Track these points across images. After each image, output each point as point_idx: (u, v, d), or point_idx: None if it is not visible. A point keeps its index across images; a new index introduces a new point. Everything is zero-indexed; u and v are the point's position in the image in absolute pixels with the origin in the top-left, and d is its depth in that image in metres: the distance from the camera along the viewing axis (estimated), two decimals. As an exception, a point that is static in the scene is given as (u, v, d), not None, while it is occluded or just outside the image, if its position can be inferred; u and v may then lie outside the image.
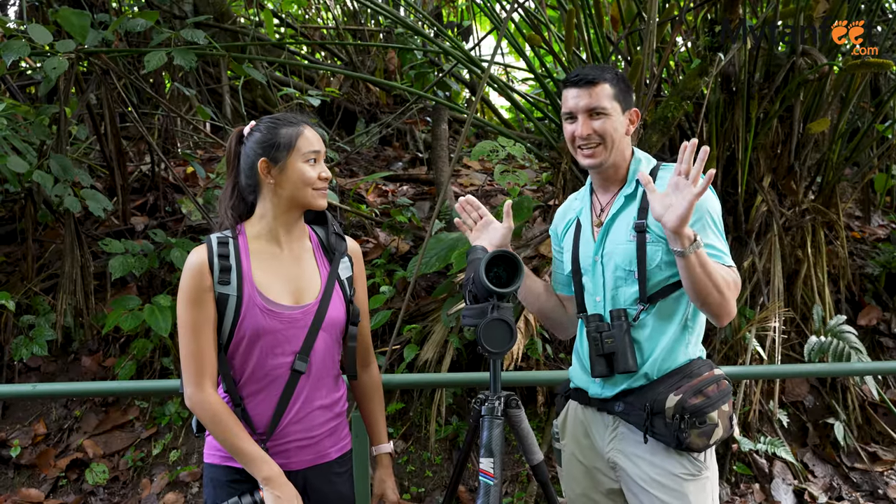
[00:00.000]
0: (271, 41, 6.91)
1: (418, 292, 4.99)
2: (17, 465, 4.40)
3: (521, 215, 4.61)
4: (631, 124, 2.36)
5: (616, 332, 2.26)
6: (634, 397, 2.28)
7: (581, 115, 2.31)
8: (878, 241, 5.88)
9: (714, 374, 2.27)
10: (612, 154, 2.32)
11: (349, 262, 2.34)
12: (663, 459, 2.25)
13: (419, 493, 4.34)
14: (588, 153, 2.33)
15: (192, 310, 2.11)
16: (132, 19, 4.54)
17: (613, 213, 2.37)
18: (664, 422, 2.19)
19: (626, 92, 2.35)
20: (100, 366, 4.79)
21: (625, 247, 2.29)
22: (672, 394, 2.20)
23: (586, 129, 2.30)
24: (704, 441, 2.19)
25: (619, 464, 2.34)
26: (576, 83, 2.32)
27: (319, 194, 2.21)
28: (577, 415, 2.49)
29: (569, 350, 4.87)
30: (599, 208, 2.44)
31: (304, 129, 2.21)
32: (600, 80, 2.29)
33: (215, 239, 2.18)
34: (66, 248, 4.75)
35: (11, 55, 4.13)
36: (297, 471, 2.20)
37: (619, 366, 2.25)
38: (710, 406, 2.19)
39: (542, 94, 6.39)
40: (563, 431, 2.55)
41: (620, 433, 2.34)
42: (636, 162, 2.39)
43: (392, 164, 7.54)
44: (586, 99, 2.30)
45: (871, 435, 4.91)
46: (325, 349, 2.22)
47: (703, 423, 2.17)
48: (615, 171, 2.38)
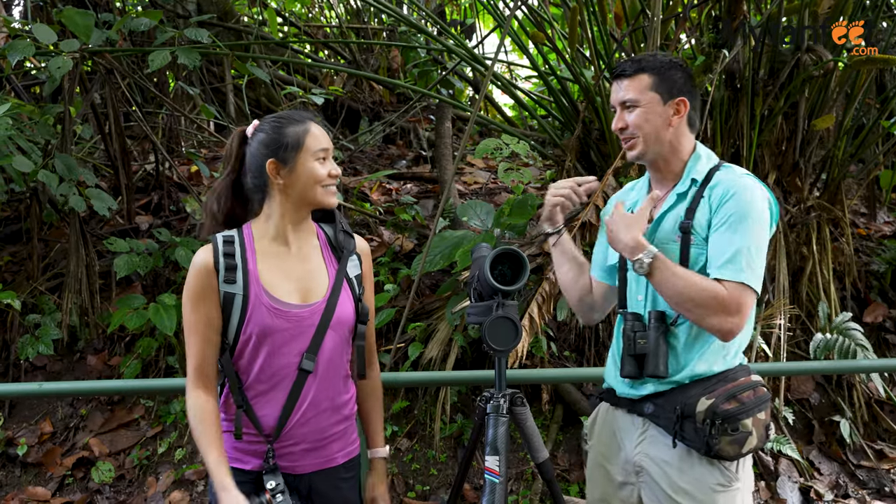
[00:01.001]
0: (275, 40, 6.91)
1: (422, 290, 4.99)
2: (24, 464, 4.42)
3: (525, 213, 4.61)
4: (676, 115, 2.24)
5: (651, 334, 2.17)
6: (664, 399, 2.19)
7: (617, 107, 2.28)
8: (883, 237, 5.86)
9: (751, 379, 2.18)
10: (651, 146, 2.24)
11: (358, 261, 2.31)
12: (692, 467, 2.16)
13: (424, 490, 4.34)
14: (627, 145, 2.27)
15: (197, 309, 2.11)
16: (136, 19, 4.55)
17: (663, 211, 2.27)
18: (694, 426, 2.10)
19: (672, 80, 2.24)
20: (105, 364, 4.79)
21: (669, 247, 2.20)
22: (704, 397, 2.11)
23: (619, 123, 2.27)
24: (736, 449, 2.08)
25: (644, 468, 2.25)
26: (615, 75, 2.29)
27: (329, 192, 2.19)
28: (607, 416, 2.41)
29: (573, 348, 4.87)
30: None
31: (311, 127, 2.18)
32: (637, 72, 2.23)
33: (221, 238, 2.16)
34: (72, 247, 4.76)
35: (16, 55, 4.15)
36: (302, 475, 2.18)
37: (649, 368, 2.16)
38: (745, 412, 2.09)
39: (545, 91, 6.38)
40: (592, 433, 2.48)
41: (650, 436, 2.25)
42: (695, 159, 2.28)
43: (396, 162, 7.54)
44: (620, 91, 2.26)
45: (878, 432, 4.90)
46: (334, 348, 2.19)
47: (736, 429, 2.07)
48: (665, 164, 2.30)
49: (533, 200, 4.66)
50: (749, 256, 2.08)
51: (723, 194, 2.15)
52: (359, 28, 8.47)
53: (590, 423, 2.50)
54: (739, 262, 2.07)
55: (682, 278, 2.09)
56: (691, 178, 2.24)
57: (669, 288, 2.10)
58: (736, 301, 2.06)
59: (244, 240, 2.18)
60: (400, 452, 4.47)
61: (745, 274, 2.07)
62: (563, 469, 4.45)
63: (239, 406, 2.14)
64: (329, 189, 2.19)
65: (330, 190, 2.20)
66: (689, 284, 2.08)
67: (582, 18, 4.68)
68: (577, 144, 4.93)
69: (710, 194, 2.18)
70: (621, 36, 4.97)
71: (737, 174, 2.21)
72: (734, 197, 2.13)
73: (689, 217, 2.18)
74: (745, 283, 2.07)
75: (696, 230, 2.17)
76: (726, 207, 2.12)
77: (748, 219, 2.10)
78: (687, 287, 2.08)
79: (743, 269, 2.07)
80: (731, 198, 2.13)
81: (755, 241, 2.10)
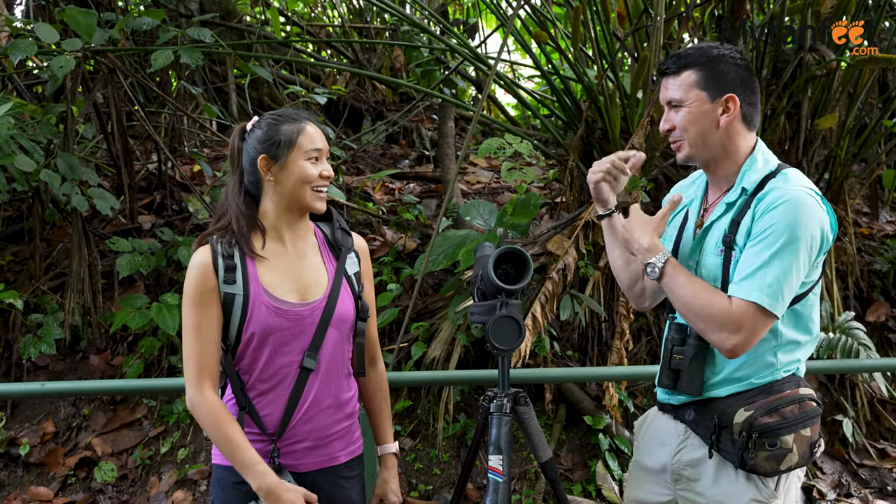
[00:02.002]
0: (277, 39, 6.91)
1: (425, 290, 4.99)
2: (27, 464, 4.42)
3: (528, 213, 4.60)
4: (726, 114, 2.06)
5: (688, 350, 2.08)
6: (705, 407, 2.11)
7: (665, 106, 2.14)
8: (886, 237, 5.86)
9: (798, 392, 2.04)
10: (699, 149, 2.10)
11: (356, 258, 2.32)
12: (730, 481, 2.07)
13: (427, 490, 4.34)
14: (675, 147, 2.15)
15: (196, 310, 2.10)
16: (138, 18, 4.54)
17: (712, 220, 2.14)
18: (731, 438, 2.01)
19: (720, 75, 2.06)
20: (108, 364, 4.79)
21: (712, 260, 2.10)
22: (743, 408, 2.01)
23: (665, 124, 2.13)
24: (773, 466, 1.98)
25: (683, 476, 2.18)
26: (660, 72, 2.16)
27: (318, 197, 2.18)
28: (654, 419, 2.34)
29: (577, 348, 4.87)
30: (705, 207, 2.23)
31: (306, 126, 2.17)
32: (681, 69, 2.08)
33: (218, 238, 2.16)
34: (74, 246, 4.76)
35: (18, 54, 4.15)
36: (305, 473, 2.18)
37: (683, 385, 2.09)
38: (786, 428, 1.98)
39: (548, 91, 6.38)
40: (639, 433, 2.40)
41: (690, 444, 2.17)
42: (750, 163, 2.10)
43: (398, 161, 7.54)
44: (664, 90, 2.13)
45: (880, 431, 4.90)
46: (335, 346, 2.20)
47: (774, 445, 1.97)
48: (717, 167, 2.14)
49: (536, 200, 4.66)
50: (771, 277, 1.93)
51: (767, 205, 1.98)
52: (361, 27, 8.47)
53: (639, 424, 2.42)
54: (757, 280, 1.94)
55: (688, 288, 2.01)
56: (742, 187, 2.08)
57: (676, 297, 2.04)
58: (737, 320, 1.94)
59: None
60: (403, 452, 4.47)
61: (757, 293, 1.93)
62: (567, 469, 4.45)
63: (242, 408, 2.14)
64: (319, 193, 2.18)
65: (319, 194, 2.18)
66: (694, 295, 2.00)
67: (585, 17, 4.68)
68: (580, 144, 4.93)
69: (756, 204, 2.02)
70: (624, 35, 4.96)
71: (791, 184, 2.02)
72: (778, 209, 1.96)
73: (733, 231, 2.04)
74: (755, 303, 1.93)
75: (738, 244, 2.04)
76: (766, 219, 1.97)
77: (785, 236, 1.94)
78: (691, 297, 2.00)
79: (758, 287, 1.93)
80: (775, 209, 1.97)
81: (786, 262, 1.93)
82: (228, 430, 2.05)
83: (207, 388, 2.09)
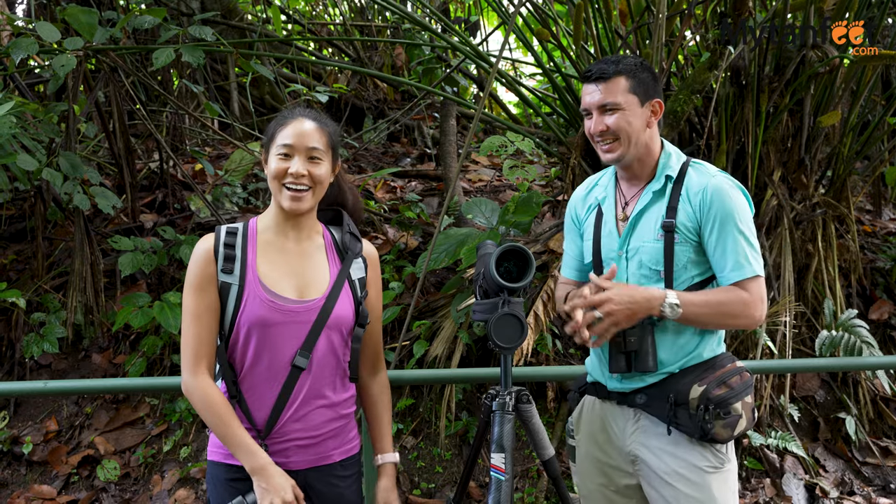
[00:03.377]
0: (279, 38, 6.90)
1: (427, 288, 4.99)
2: (30, 462, 4.42)
3: (530, 210, 4.60)
4: (653, 116, 2.30)
5: (639, 332, 2.21)
6: (657, 389, 2.26)
7: (595, 111, 2.28)
8: (889, 234, 5.85)
9: (736, 365, 2.27)
10: (631, 148, 2.27)
11: (363, 264, 2.30)
12: (686, 451, 2.23)
13: (429, 488, 4.34)
14: (606, 148, 2.29)
15: (195, 296, 2.13)
16: (140, 17, 4.54)
17: (640, 209, 2.32)
18: (688, 413, 2.18)
19: (646, 82, 2.28)
20: (110, 363, 4.80)
21: (652, 245, 2.26)
22: (696, 384, 2.19)
23: (599, 126, 2.26)
24: (729, 432, 2.17)
25: (640, 457, 2.30)
26: (589, 78, 2.28)
27: (288, 195, 2.14)
28: (595, 410, 2.45)
29: (578, 346, 4.85)
30: (624, 201, 2.38)
31: (289, 123, 2.17)
32: (613, 75, 2.24)
33: (224, 229, 2.20)
34: (76, 245, 4.76)
35: (20, 53, 4.14)
36: (297, 471, 2.17)
37: (639, 365, 2.22)
38: (734, 397, 2.18)
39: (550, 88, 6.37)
40: (578, 427, 2.51)
41: (643, 426, 2.31)
42: (665, 156, 2.33)
43: (400, 160, 7.54)
44: (598, 95, 2.25)
45: (883, 429, 4.89)
46: (330, 348, 2.19)
47: (728, 413, 2.16)
48: (640, 165, 2.33)
49: (538, 198, 4.66)
50: (749, 249, 2.21)
51: (702, 200, 2.23)
52: (363, 25, 8.47)
53: (575, 418, 2.54)
54: (744, 258, 2.20)
55: (707, 304, 2.18)
56: (665, 175, 2.30)
57: (702, 318, 2.20)
58: (756, 297, 2.19)
59: (248, 231, 2.21)
60: (405, 450, 4.47)
61: (751, 266, 2.20)
62: (568, 467, 4.44)
63: (232, 396, 2.15)
64: (289, 191, 2.14)
65: (289, 192, 2.14)
66: (717, 305, 2.19)
67: (587, 15, 4.67)
68: (581, 142, 4.92)
69: (687, 193, 2.26)
70: (626, 33, 4.95)
71: (710, 174, 2.28)
72: (714, 201, 2.21)
73: (671, 216, 2.25)
74: (758, 275, 2.20)
75: (679, 229, 2.24)
76: (712, 213, 2.21)
77: (734, 215, 2.20)
78: (717, 308, 2.19)
79: (749, 262, 2.20)
80: (713, 203, 2.21)
81: (746, 231, 2.21)
82: (221, 411, 2.08)
83: (202, 373, 2.11)
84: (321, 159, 2.18)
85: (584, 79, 2.30)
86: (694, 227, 2.23)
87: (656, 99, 2.29)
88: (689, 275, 2.24)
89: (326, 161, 2.20)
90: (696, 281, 2.25)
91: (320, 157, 2.18)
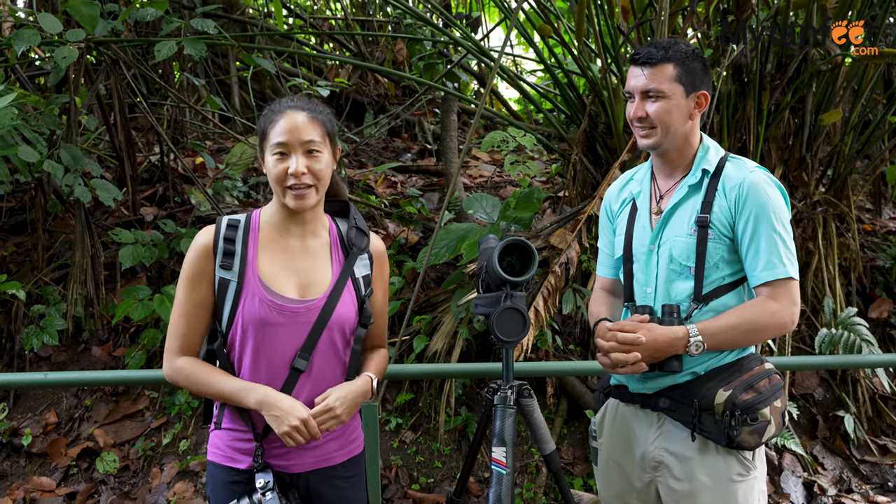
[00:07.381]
0: (280, 32, 6.90)
1: (428, 283, 4.99)
2: (29, 454, 4.42)
3: (531, 206, 4.60)
4: (697, 108, 2.21)
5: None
6: (680, 393, 2.17)
7: (637, 95, 2.20)
8: (889, 233, 5.85)
9: (765, 368, 2.17)
10: (668, 138, 2.20)
11: (368, 260, 2.21)
12: (712, 459, 2.15)
13: (428, 483, 4.34)
14: (643, 134, 2.22)
15: (187, 289, 2.08)
16: (142, 9, 4.53)
17: (675, 203, 2.24)
18: (713, 419, 2.09)
19: (695, 72, 2.18)
20: (110, 355, 4.80)
21: (684, 240, 2.19)
22: (721, 389, 2.09)
23: (639, 112, 2.19)
24: (756, 439, 2.07)
25: (664, 462, 2.22)
26: (636, 61, 2.20)
27: (292, 195, 2.04)
28: (617, 413, 2.38)
29: (578, 341, 4.86)
30: (659, 195, 2.31)
31: (280, 119, 2.05)
32: (661, 60, 2.15)
33: (225, 221, 2.10)
34: (77, 238, 4.76)
35: (21, 44, 4.13)
36: (298, 474, 2.13)
37: (665, 365, 2.13)
38: (762, 402, 2.08)
39: (551, 84, 6.37)
40: (601, 430, 2.44)
41: (666, 431, 2.23)
42: (704, 150, 2.26)
43: (401, 155, 7.53)
44: (643, 80, 2.17)
45: (882, 428, 4.90)
46: (330, 348, 2.10)
47: (755, 419, 2.06)
48: (678, 156, 2.26)
49: (539, 194, 4.65)
50: (784, 249, 2.13)
51: (738, 195, 2.15)
52: (364, 20, 8.46)
53: (598, 421, 2.46)
54: (777, 258, 2.11)
55: (731, 328, 2.10)
56: (702, 169, 2.22)
57: (729, 342, 2.13)
58: (789, 299, 2.12)
59: (250, 225, 2.12)
60: (404, 445, 4.47)
61: (784, 268, 2.11)
62: (568, 462, 4.45)
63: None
64: (292, 191, 2.03)
65: (293, 192, 2.03)
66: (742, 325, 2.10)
67: (589, 11, 4.66)
68: (583, 138, 4.92)
69: (724, 189, 2.18)
70: (628, 29, 4.95)
71: (748, 169, 2.20)
72: (750, 197, 2.13)
73: (706, 211, 2.17)
74: (791, 277, 2.12)
75: (714, 225, 2.16)
76: (747, 209, 2.13)
77: (769, 212, 2.12)
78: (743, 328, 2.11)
79: (783, 263, 2.12)
80: (748, 198, 2.13)
81: (781, 231, 2.13)
82: (204, 373, 2.05)
83: (177, 355, 2.08)
84: (320, 151, 2.05)
85: (632, 61, 2.22)
86: (729, 222, 2.16)
87: (703, 91, 2.21)
88: (721, 274, 2.17)
89: (325, 152, 2.08)
90: (727, 282, 2.17)
91: (318, 149, 2.05)
